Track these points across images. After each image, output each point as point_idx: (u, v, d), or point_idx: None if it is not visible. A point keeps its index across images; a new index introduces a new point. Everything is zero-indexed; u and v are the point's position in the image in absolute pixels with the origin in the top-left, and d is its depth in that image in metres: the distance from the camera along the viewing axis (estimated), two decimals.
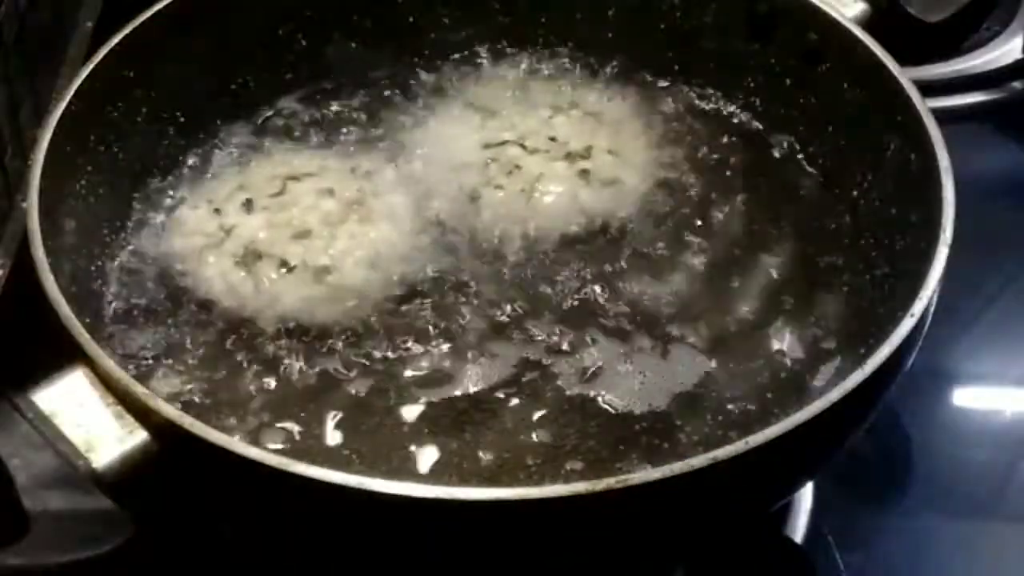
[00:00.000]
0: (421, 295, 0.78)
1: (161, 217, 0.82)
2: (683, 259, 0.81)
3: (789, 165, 0.86)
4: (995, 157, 1.05)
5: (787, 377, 0.74)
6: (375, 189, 0.82)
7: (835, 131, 0.83)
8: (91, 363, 0.63)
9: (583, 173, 0.83)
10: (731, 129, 0.88)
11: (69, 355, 0.63)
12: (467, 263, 0.80)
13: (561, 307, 0.77)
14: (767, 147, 0.87)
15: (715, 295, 0.79)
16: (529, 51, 0.92)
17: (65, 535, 0.59)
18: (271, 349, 0.75)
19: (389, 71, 0.92)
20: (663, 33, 0.90)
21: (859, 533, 0.80)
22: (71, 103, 0.75)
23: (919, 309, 0.65)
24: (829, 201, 0.83)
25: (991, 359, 0.91)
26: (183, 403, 0.72)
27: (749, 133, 0.88)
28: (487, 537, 0.61)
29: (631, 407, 0.72)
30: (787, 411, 0.62)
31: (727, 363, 0.75)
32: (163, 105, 0.84)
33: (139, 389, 0.61)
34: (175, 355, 0.75)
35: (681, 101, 0.90)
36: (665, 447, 0.71)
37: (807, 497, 0.80)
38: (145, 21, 0.81)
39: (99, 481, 0.59)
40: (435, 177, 0.84)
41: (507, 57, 0.92)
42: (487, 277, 0.79)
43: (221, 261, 0.78)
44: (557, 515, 0.59)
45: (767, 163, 0.86)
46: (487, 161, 0.84)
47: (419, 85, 0.91)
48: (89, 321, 0.69)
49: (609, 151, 0.85)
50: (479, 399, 0.73)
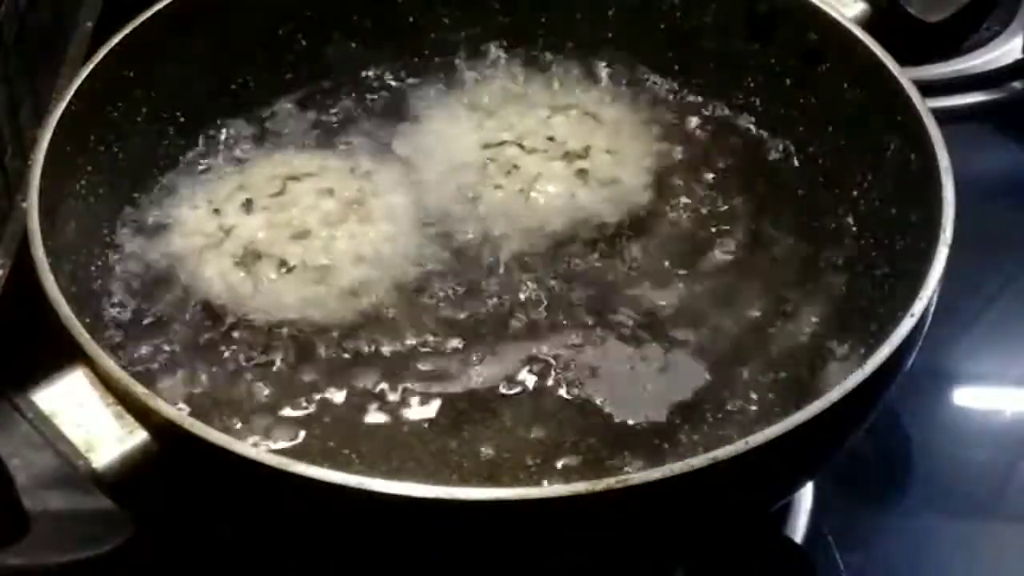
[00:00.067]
0: (420, 295, 0.78)
1: (161, 217, 0.81)
2: (682, 259, 0.80)
3: (789, 165, 0.86)
4: (995, 157, 1.05)
5: (787, 377, 0.74)
6: (375, 189, 0.82)
7: (835, 131, 0.83)
8: (91, 363, 0.63)
9: (581, 173, 0.83)
10: (731, 129, 0.88)
11: (69, 355, 0.63)
12: (466, 263, 0.80)
13: (560, 307, 0.77)
14: (767, 147, 0.87)
15: (715, 295, 0.79)
16: (529, 51, 0.92)
17: (65, 535, 0.59)
18: (271, 349, 0.75)
19: (389, 71, 0.92)
20: (663, 33, 0.90)
21: (859, 533, 0.80)
22: (71, 103, 0.75)
23: (919, 309, 0.65)
24: (829, 201, 0.83)
25: (991, 359, 0.91)
26: (183, 403, 0.72)
27: (749, 133, 0.88)
28: (487, 537, 0.61)
29: (631, 407, 0.72)
30: (787, 411, 0.62)
31: (727, 363, 0.75)
32: (163, 105, 0.84)
33: (139, 389, 0.61)
34: (175, 355, 0.75)
35: (680, 101, 0.90)
36: (665, 447, 0.71)
37: (807, 497, 0.80)
38: (145, 21, 0.81)
39: (99, 481, 0.59)
40: (434, 177, 0.84)
41: (506, 57, 0.92)
42: (486, 277, 0.79)
43: (221, 261, 0.78)
44: (557, 515, 0.59)
45: (767, 163, 0.86)
46: (486, 161, 0.84)
47: (419, 85, 0.91)
48: (89, 321, 0.69)
49: (607, 151, 0.85)
50: (479, 399, 0.73)
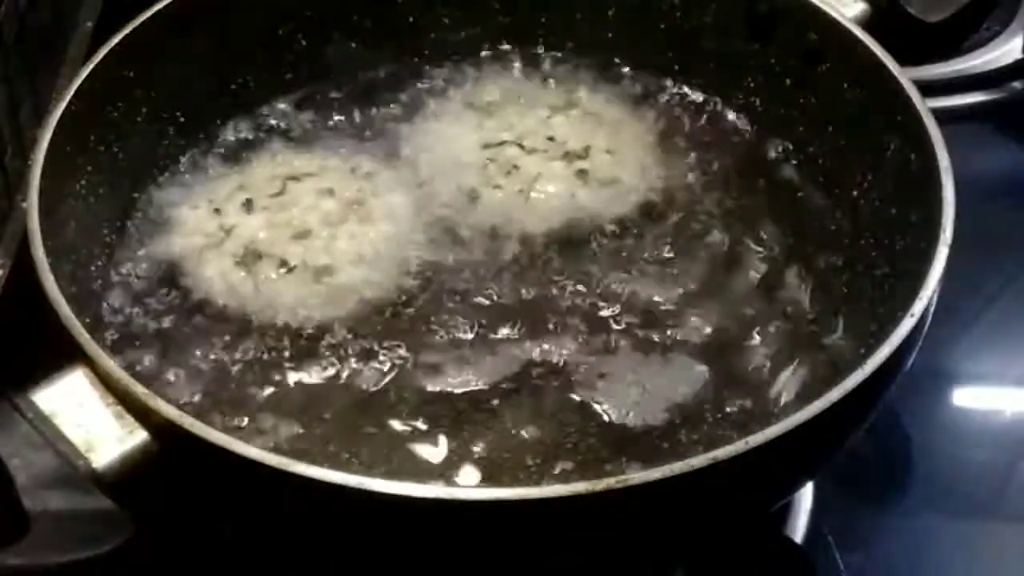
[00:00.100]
0: (421, 295, 0.78)
1: (161, 217, 0.81)
2: (682, 259, 0.80)
3: (789, 165, 0.86)
4: (995, 157, 1.05)
5: (787, 377, 0.74)
6: (375, 189, 0.82)
7: (835, 131, 0.83)
8: (91, 363, 0.62)
9: (581, 173, 0.83)
10: (730, 129, 0.88)
11: (69, 355, 0.63)
12: (466, 263, 0.80)
13: (560, 307, 0.77)
14: (767, 147, 0.87)
15: (715, 295, 0.79)
16: (529, 51, 0.92)
17: (65, 535, 0.59)
18: (271, 349, 0.75)
19: (389, 71, 0.92)
20: (663, 33, 0.90)
21: (859, 533, 0.80)
22: (71, 103, 0.75)
23: (919, 309, 0.65)
24: (829, 201, 0.83)
25: (991, 359, 0.91)
26: (183, 403, 0.72)
27: (748, 133, 0.88)
28: (487, 537, 0.61)
29: (631, 407, 0.72)
30: (787, 411, 0.62)
31: (727, 363, 0.75)
32: (163, 105, 0.84)
33: (139, 389, 0.61)
34: (175, 355, 0.75)
35: (680, 101, 0.90)
36: (665, 447, 0.71)
37: (807, 497, 0.80)
38: (145, 21, 0.81)
39: (99, 481, 0.59)
40: (434, 177, 0.84)
41: (507, 57, 0.92)
42: (485, 277, 0.79)
43: (221, 261, 0.78)
44: (557, 515, 0.59)
45: (767, 163, 0.86)
46: (486, 161, 0.84)
47: (419, 85, 0.91)
48: (89, 321, 0.69)
49: (607, 151, 0.85)
50: (479, 399, 0.73)
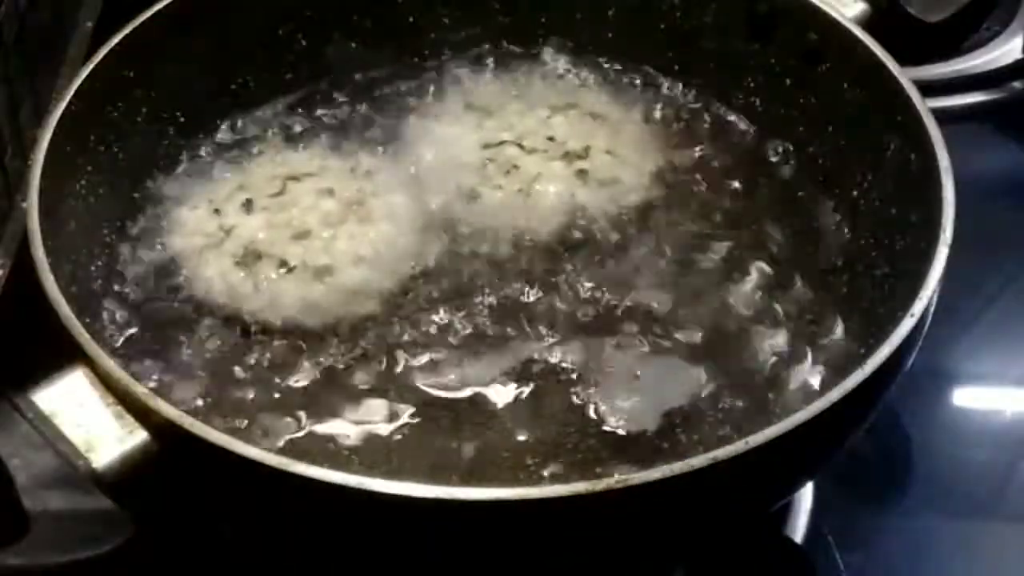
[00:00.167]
0: (420, 295, 0.78)
1: (161, 217, 0.81)
2: (682, 259, 0.80)
3: (789, 165, 0.86)
4: (995, 157, 1.05)
5: (787, 377, 0.74)
6: (375, 189, 0.82)
7: (835, 131, 0.83)
8: (91, 363, 0.62)
9: (581, 173, 0.83)
10: (730, 129, 0.88)
11: (69, 355, 0.63)
12: (465, 263, 0.80)
13: (559, 308, 0.77)
14: (767, 147, 0.87)
15: (714, 295, 0.79)
16: (529, 51, 0.92)
17: (65, 535, 0.59)
18: (271, 349, 0.75)
19: (389, 71, 0.92)
20: (663, 33, 0.90)
21: (859, 533, 0.80)
22: (71, 103, 0.75)
23: (919, 309, 0.65)
24: (829, 201, 0.83)
25: (991, 359, 0.91)
26: (183, 403, 0.72)
27: (748, 133, 0.88)
28: (487, 537, 0.61)
29: (630, 407, 0.72)
30: (787, 411, 0.62)
31: (727, 364, 0.75)
32: (163, 105, 0.84)
33: (139, 389, 0.61)
34: (175, 355, 0.75)
35: (680, 101, 0.90)
36: (665, 447, 0.71)
37: (807, 497, 0.80)
38: (145, 21, 0.81)
39: (99, 481, 0.59)
40: (434, 177, 0.84)
41: (507, 57, 0.92)
42: (485, 277, 0.79)
43: (221, 261, 0.78)
44: (557, 515, 0.59)
45: (767, 163, 0.86)
46: (486, 161, 0.84)
47: (419, 85, 0.91)
48: (89, 321, 0.69)
49: (607, 151, 0.85)
50: (478, 399, 0.73)
